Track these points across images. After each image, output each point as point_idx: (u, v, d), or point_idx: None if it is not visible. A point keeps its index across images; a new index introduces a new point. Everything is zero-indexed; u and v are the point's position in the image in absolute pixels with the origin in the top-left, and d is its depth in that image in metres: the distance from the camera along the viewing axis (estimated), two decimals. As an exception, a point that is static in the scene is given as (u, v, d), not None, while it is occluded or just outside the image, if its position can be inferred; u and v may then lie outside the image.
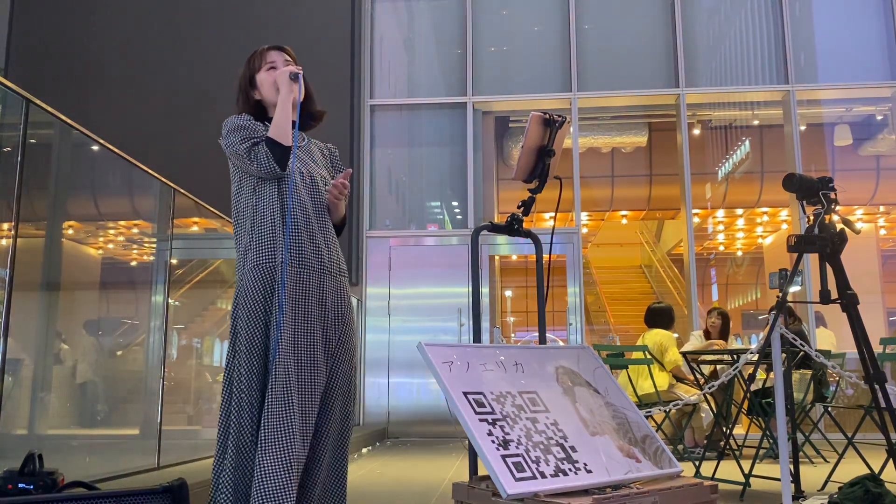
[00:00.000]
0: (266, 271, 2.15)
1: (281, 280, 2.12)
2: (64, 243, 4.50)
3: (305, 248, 2.19)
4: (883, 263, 12.38)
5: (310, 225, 2.22)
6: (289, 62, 2.37)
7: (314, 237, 2.22)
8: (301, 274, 2.17)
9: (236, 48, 8.36)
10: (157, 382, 5.04)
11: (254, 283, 2.14)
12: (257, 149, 2.19)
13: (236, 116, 2.32)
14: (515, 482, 1.77)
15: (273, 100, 2.32)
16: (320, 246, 2.23)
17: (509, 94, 8.35)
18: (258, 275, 2.15)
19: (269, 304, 2.12)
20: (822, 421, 5.92)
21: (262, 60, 2.38)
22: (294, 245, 2.18)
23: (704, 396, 4.59)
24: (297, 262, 2.17)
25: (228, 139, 2.26)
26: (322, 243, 2.23)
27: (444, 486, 4.03)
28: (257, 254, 2.18)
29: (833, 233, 3.17)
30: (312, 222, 2.23)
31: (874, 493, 2.90)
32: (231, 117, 2.33)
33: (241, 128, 2.26)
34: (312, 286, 2.18)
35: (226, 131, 2.28)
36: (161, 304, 5.21)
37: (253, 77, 2.38)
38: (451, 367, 2.00)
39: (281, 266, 2.14)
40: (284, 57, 2.38)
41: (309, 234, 2.21)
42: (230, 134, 2.26)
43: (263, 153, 2.18)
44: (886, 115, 9.10)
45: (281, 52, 2.40)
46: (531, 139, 2.09)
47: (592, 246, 18.39)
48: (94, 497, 1.72)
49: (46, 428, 4.23)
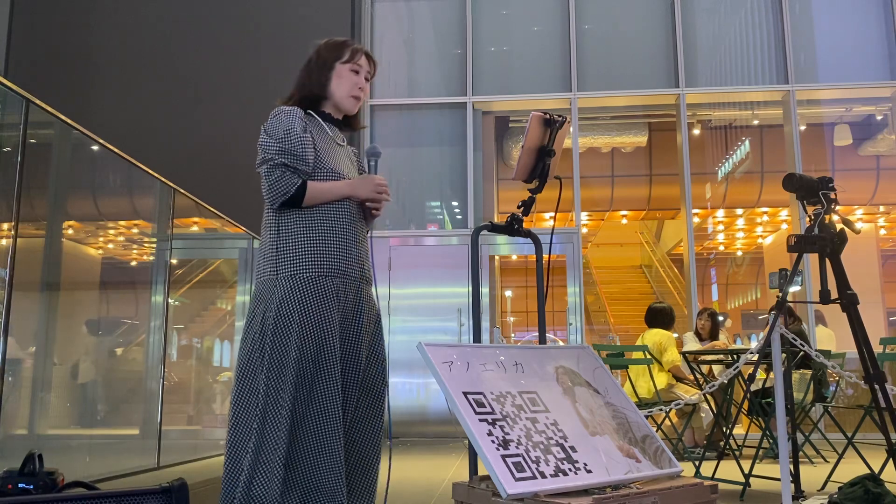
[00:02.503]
0: (308, 281, 2.08)
1: (335, 293, 2.09)
2: (64, 243, 4.50)
3: (351, 258, 2.15)
4: (883, 263, 12.39)
5: (355, 233, 2.17)
6: (368, 79, 2.31)
7: (358, 246, 2.17)
8: (346, 285, 2.13)
9: (236, 48, 8.36)
10: (157, 382, 5.04)
11: (292, 292, 2.06)
12: (285, 176, 2.07)
13: (287, 113, 2.16)
14: (515, 482, 1.77)
15: (339, 98, 2.25)
16: (362, 255, 2.19)
17: (509, 94, 8.35)
18: (297, 284, 2.07)
19: (306, 314, 2.05)
20: (822, 421, 5.92)
21: (352, 57, 2.26)
22: (341, 255, 2.13)
23: (704, 396, 4.59)
24: (343, 273, 2.13)
25: (269, 138, 2.11)
26: (363, 252, 2.20)
27: (444, 486, 4.03)
28: (298, 262, 2.09)
29: (833, 233, 3.17)
30: (358, 230, 2.19)
31: (874, 493, 2.90)
32: (284, 111, 2.16)
33: (293, 135, 2.11)
34: (353, 297, 2.15)
35: (272, 127, 2.13)
36: (161, 304, 5.21)
37: (333, 64, 2.25)
38: (451, 367, 2.00)
39: (331, 278, 2.09)
40: (367, 71, 2.30)
41: (354, 242, 2.16)
42: (276, 133, 2.11)
43: (286, 187, 2.07)
44: (886, 114, 9.09)
45: (371, 64, 2.32)
46: (531, 139, 2.09)
47: (592, 246, 18.39)
48: (94, 497, 1.72)
49: (46, 428, 4.23)
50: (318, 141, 2.19)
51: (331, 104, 2.28)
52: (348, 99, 2.26)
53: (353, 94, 2.26)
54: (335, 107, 2.29)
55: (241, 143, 7.89)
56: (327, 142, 2.23)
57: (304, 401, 2.02)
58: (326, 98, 2.26)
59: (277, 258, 2.11)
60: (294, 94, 2.27)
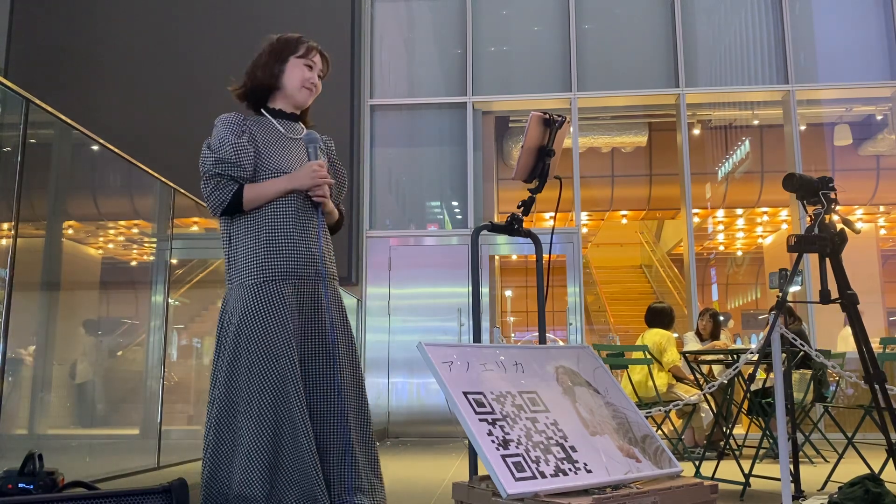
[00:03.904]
0: (256, 287, 2.07)
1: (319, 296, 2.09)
2: (64, 243, 4.50)
3: (301, 256, 2.12)
4: (883, 263, 12.39)
5: (302, 229, 2.14)
6: (321, 77, 2.31)
7: (307, 241, 2.14)
8: (302, 285, 2.11)
9: (236, 48, 8.36)
10: (157, 382, 5.04)
11: (244, 300, 2.06)
12: (219, 186, 2.09)
13: (224, 121, 2.18)
14: (515, 482, 1.77)
15: (289, 93, 2.25)
16: (313, 250, 2.15)
17: (509, 94, 8.35)
18: (248, 292, 2.07)
19: (260, 320, 2.04)
20: (822, 421, 5.92)
21: (307, 53, 2.27)
22: (290, 255, 2.11)
23: (704, 396, 4.59)
24: (293, 273, 2.10)
25: (207, 150, 2.13)
26: (317, 248, 2.16)
27: (444, 486, 4.03)
28: (247, 269, 2.09)
29: (833, 233, 3.17)
30: (305, 225, 2.15)
31: (874, 493, 2.89)
32: (220, 121, 2.19)
33: (226, 143, 2.12)
34: (311, 295, 2.13)
35: (214, 133, 2.16)
36: (161, 304, 5.21)
37: (287, 57, 2.25)
38: (451, 366, 2.00)
39: (280, 281, 2.08)
40: (320, 69, 2.31)
41: (302, 238, 2.13)
42: (214, 143, 2.13)
43: (223, 196, 2.08)
44: (886, 114, 9.09)
45: (324, 61, 2.32)
46: (531, 139, 2.09)
47: (592, 246, 18.39)
48: (94, 497, 1.72)
49: (46, 428, 4.23)
50: (263, 141, 2.18)
51: (282, 96, 2.26)
52: (301, 90, 2.25)
53: (306, 85, 2.26)
54: (287, 99, 2.27)
55: (241, 143, 7.89)
56: (276, 139, 2.21)
57: (265, 406, 2.01)
58: (278, 89, 2.25)
59: (230, 267, 2.13)
60: (245, 83, 2.27)
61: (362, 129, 8.28)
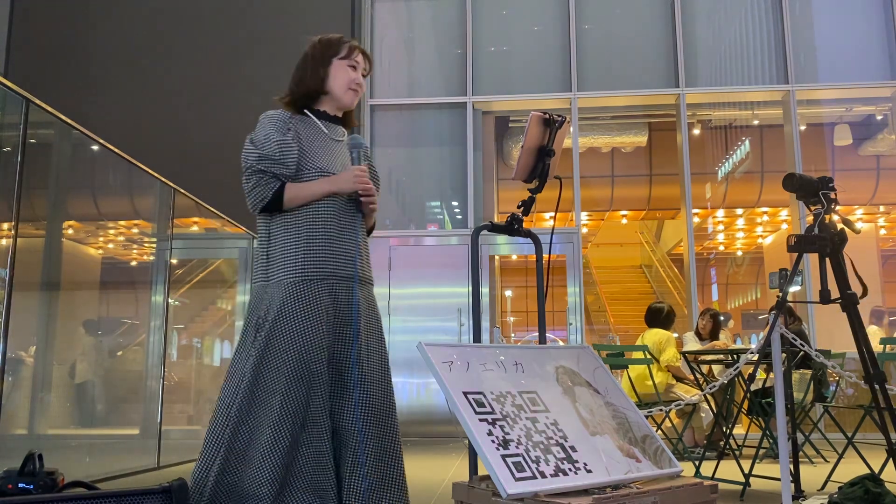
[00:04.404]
0: (293, 286, 2.07)
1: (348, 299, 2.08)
2: (64, 243, 4.49)
3: (339, 258, 2.13)
4: (883, 263, 12.38)
5: (342, 232, 2.15)
6: (364, 75, 2.31)
7: (346, 244, 2.14)
8: (337, 287, 2.11)
9: (236, 48, 8.36)
10: (157, 382, 5.04)
11: (280, 299, 2.06)
12: (260, 182, 2.08)
13: (270, 118, 2.18)
14: (515, 482, 1.77)
15: (336, 96, 2.25)
16: (352, 253, 2.15)
17: (509, 94, 8.35)
18: (284, 291, 2.06)
19: (294, 321, 2.05)
20: (822, 421, 5.92)
21: (349, 53, 2.27)
22: (327, 257, 2.11)
23: (704, 396, 4.59)
24: (331, 275, 2.10)
25: (251, 145, 2.13)
26: (355, 250, 2.16)
27: (444, 486, 4.03)
28: (284, 268, 2.09)
29: (833, 233, 3.17)
30: (345, 228, 2.16)
31: (874, 493, 2.90)
32: (266, 117, 2.18)
33: (272, 140, 2.12)
34: (345, 298, 2.12)
35: (255, 134, 2.15)
36: (161, 304, 5.20)
37: (330, 59, 2.25)
38: (451, 366, 2.00)
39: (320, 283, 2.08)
40: (364, 68, 2.30)
41: (341, 241, 2.14)
42: (258, 138, 2.13)
43: (264, 192, 2.08)
44: (886, 114, 9.09)
45: (366, 59, 2.31)
46: (531, 139, 2.09)
47: (592, 246, 18.39)
48: (93, 497, 1.72)
49: (46, 428, 4.23)
50: (307, 140, 2.18)
51: (329, 100, 2.27)
52: (347, 93, 2.26)
53: (351, 87, 2.26)
54: (333, 102, 2.28)
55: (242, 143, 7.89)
56: (321, 140, 2.22)
57: (289, 407, 2.02)
58: (324, 93, 2.26)
59: (267, 264, 2.12)
60: (291, 91, 2.27)
61: (362, 129, 8.28)
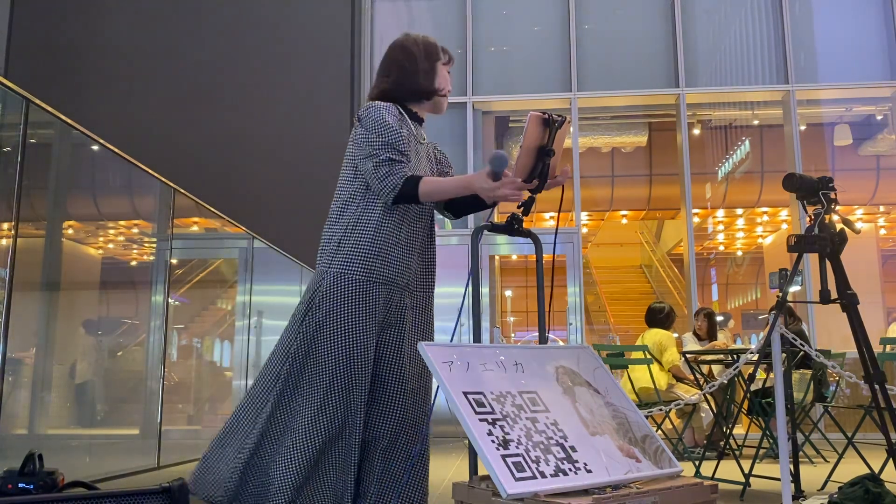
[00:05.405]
0: (353, 283, 2.06)
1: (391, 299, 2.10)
2: (64, 243, 4.49)
3: (401, 265, 2.12)
4: (883, 263, 12.38)
5: (410, 239, 2.14)
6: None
7: (410, 252, 2.14)
8: (391, 293, 2.11)
9: (236, 48, 8.36)
10: (157, 382, 5.04)
11: (335, 291, 2.05)
12: (394, 172, 2.03)
13: (385, 108, 2.12)
14: (515, 482, 1.77)
15: (438, 100, 2.25)
16: (414, 261, 2.16)
17: (509, 94, 8.35)
18: (342, 284, 2.05)
19: (344, 317, 2.04)
20: (822, 421, 5.92)
21: (449, 59, 2.27)
22: (391, 261, 2.10)
23: (704, 396, 4.59)
24: (390, 280, 2.10)
25: (372, 134, 2.07)
26: (419, 258, 2.17)
27: (444, 486, 4.03)
28: (349, 261, 2.07)
29: (833, 233, 3.17)
30: (414, 236, 2.15)
31: (874, 493, 2.89)
32: (379, 106, 2.12)
33: (391, 130, 2.07)
34: (397, 305, 2.13)
35: (372, 121, 2.08)
36: (161, 304, 5.20)
37: (435, 63, 2.22)
38: (450, 366, 2.00)
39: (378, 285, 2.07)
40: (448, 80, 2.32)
41: (407, 248, 2.13)
42: (376, 128, 2.07)
43: (396, 181, 2.02)
44: (886, 114, 9.09)
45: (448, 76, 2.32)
46: (529, 139, 2.08)
47: (592, 246, 18.39)
48: (93, 497, 1.72)
49: (46, 428, 4.23)
50: (408, 139, 2.17)
51: (427, 103, 2.25)
52: (445, 99, 2.27)
53: (446, 93, 2.28)
54: (429, 104, 2.26)
55: (242, 142, 7.89)
56: (413, 140, 2.22)
57: (329, 402, 2.04)
58: (431, 96, 2.23)
59: (333, 252, 2.09)
60: (390, 89, 2.20)
61: (362, 129, 8.28)
